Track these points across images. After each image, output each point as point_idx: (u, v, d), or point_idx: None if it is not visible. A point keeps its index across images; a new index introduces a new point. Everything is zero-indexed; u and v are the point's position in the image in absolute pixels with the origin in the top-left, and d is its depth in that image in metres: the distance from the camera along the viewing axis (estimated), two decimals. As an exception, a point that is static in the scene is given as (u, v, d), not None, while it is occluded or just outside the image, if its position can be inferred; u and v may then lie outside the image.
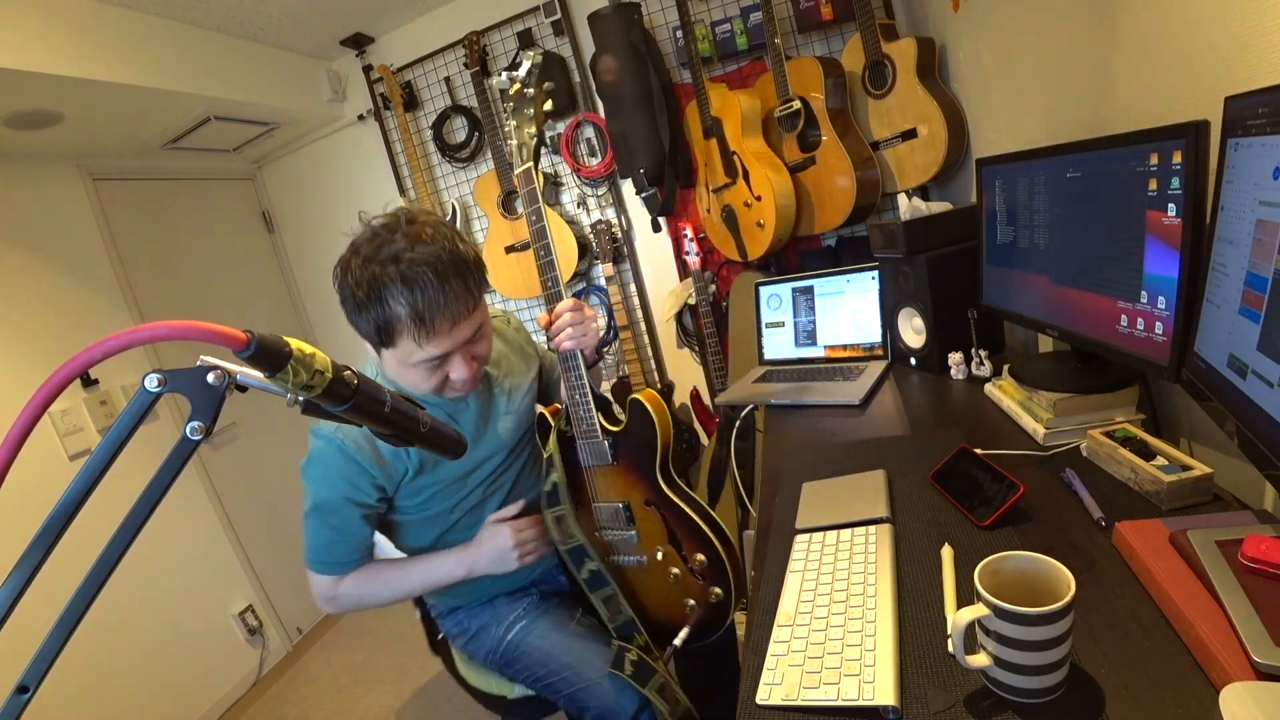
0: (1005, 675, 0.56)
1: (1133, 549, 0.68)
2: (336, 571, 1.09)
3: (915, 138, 1.77)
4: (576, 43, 2.29)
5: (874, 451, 1.10)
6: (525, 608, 1.21)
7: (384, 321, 0.88)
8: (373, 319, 0.89)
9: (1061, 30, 1.15)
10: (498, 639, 1.18)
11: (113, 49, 1.74)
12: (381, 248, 0.88)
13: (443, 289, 0.88)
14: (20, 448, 0.44)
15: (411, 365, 0.94)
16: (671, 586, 1.12)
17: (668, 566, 1.11)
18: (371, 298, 0.87)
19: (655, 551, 1.12)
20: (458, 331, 0.93)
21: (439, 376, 0.98)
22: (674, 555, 1.10)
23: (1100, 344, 0.95)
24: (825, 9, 1.97)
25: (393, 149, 2.61)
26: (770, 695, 0.63)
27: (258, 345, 0.48)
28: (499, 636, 1.18)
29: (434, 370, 0.97)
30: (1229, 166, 0.67)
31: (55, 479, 1.88)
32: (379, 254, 0.88)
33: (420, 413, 0.64)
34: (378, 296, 0.87)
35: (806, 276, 1.69)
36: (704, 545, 1.08)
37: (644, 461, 1.10)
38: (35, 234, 2.03)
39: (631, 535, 1.13)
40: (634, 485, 1.12)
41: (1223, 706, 0.47)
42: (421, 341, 0.90)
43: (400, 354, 0.93)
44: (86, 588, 0.47)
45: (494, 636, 1.19)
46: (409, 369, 0.96)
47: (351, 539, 1.07)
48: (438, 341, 0.91)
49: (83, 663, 1.89)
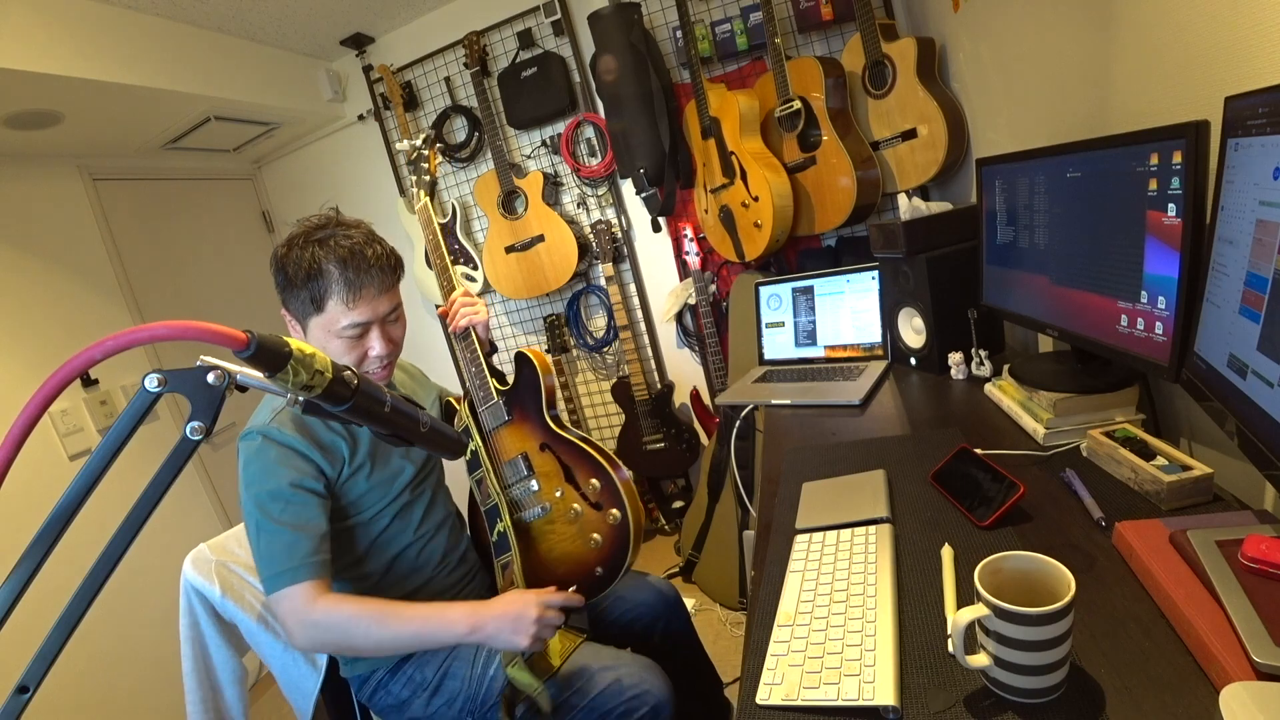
0: (1005, 675, 0.56)
1: (1133, 549, 0.68)
2: (306, 575, 0.93)
3: (915, 138, 1.77)
4: (576, 43, 2.29)
5: (874, 451, 1.10)
6: None
7: (318, 287, 0.98)
8: (308, 287, 0.99)
9: (1062, 30, 1.15)
10: (475, 679, 1.05)
11: (113, 49, 1.74)
12: (316, 232, 1.01)
13: (370, 262, 1.01)
14: (20, 448, 0.44)
15: (336, 334, 1.01)
16: (575, 527, 1.16)
17: (568, 505, 1.17)
18: (310, 269, 0.98)
19: (554, 493, 1.18)
20: (380, 302, 1.03)
21: (359, 350, 1.04)
22: (571, 491, 1.17)
23: (1100, 344, 0.95)
24: (825, 9, 1.97)
25: (392, 149, 2.61)
26: (770, 695, 0.63)
27: (258, 345, 0.48)
28: (475, 677, 1.05)
29: (355, 343, 1.03)
30: (1229, 166, 0.67)
31: (55, 479, 1.88)
32: (315, 236, 1.00)
33: (420, 413, 0.64)
34: (316, 267, 0.98)
35: (806, 276, 1.69)
36: (595, 470, 1.16)
37: (534, 407, 1.21)
38: (35, 234, 2.03)
39: (533, 485, 1.20)
40: (529, 434, 1.21)
41: (1223, 706, 0.47)
42: (350, 303, 0.99)
43: (327, 320, 1.00)
44: (86, 588, 0.47)
45: (470, 679, 1.05)
46: (332, 339, 1.02)
47: (311, 532, 0.96)
48: (362, 307, 1.01)
49: (83, 663, 1.89)
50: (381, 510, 1.09)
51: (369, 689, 1.09)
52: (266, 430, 0.99)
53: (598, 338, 2.58)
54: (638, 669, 1.04)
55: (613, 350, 2.58)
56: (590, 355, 2.62)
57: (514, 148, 2.48)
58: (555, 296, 2.56)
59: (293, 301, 1.02)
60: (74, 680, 1.87)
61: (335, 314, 1.00)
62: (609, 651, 1.08)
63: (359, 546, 1.10)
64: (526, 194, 2.33)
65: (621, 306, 2.38)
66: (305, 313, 1.01)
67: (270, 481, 0.97)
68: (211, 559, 1.10)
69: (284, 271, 1.00)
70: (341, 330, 1.01)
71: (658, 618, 1.25)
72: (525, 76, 2.30)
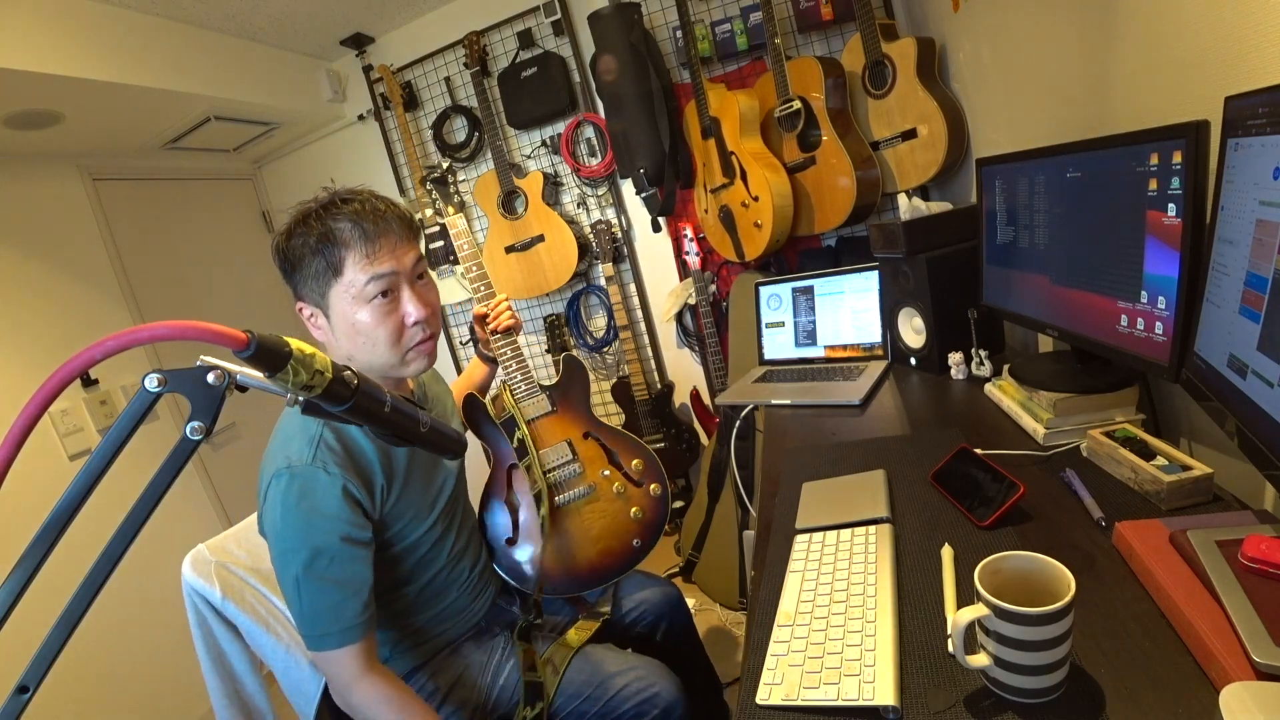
0: (1005, 675, 0.56)
1: (1133, 549, 0.68)
2: (355, 638, 0.87)
3: (915, 138, 1.77)
4: (576, 43, 2.29)
5: (874, 451, 1.10)
6: (503, 645, 1.09)
7: (332, 250, 0.89)
8: (321, 253, 0.89)
9: (1062, 30, 1.15)
10: (484, 689, 1.04)
11: (113, 49, 1.74)
12: (315, 207, 0.92)
13: (383, 212, 0.92)
14: (20, 448, 0.44)
15: (363, 299, 0.90)
16: (618, 503, 1.30)
17: (611, 485, 1.31)
18: (321, 235, 0.89)
19: (599, 474, 1.32)
20: (401, 252, 0.93)
21: (395, 318, 0.93)
22: (615, 471, 1.32)
23: (1100, 344, 0.95)
24: (825, 9, 1.97)
25: (393, 149, 2.61)
26: (770, 695, 0.63)
27: (258, 345, 0.48)
28: (485, 686, 1.05)
29: (388, 307, 0.92)
30: (1229, 166, 0.67)
31: (55, 479, 1.88)
32: (315, 211, 0.91)
33: (420, 413, 0.64)
34: (325, 230, 0.89)
35: (806, 276, 1.69)
36: (637, 450, 1.34)
37: (581, 401, 1.36)
38: (35, 234, 2.03)
39: (576, 468, 1.31)
40: (572, 424, 1.34)
41: (1223, 706, 0.47)
42: (370, 254, 0.89)
43: (348, 284, 0.90)
44: (86, 588, 0.47)
45: (478, 689, 1.05)
46: (361, 308, 0.91)
47: (360, 589, 0.89)
48: (384, 257, 0.91)
49: (83, 663, 1.89)
50: (421, 535, 1.02)
51: None
52: (308, 474, 0.87)
53: (598, 338, 2.58)
54: (648, 671, 1.03)
55: (613, 350, 2.58)
56: (590, 355, 2.62)
57: (514, 148, 2.48)
58: (555, 296, 2.56)
59: (306, 284, 0.91)
60: (74, 680, 1.87)
61: (356, 273, 0.89)
62: (617, 654, 1.08)
63: (396, 574, 1.03)
64: (526, 194, 2.33)
65: (621, 306, 2.38)
66: (323, 287, 0.90)
67: (316, 537, 0.86)
68: (210, 560, 1.09)
69: (289, 254, 0.91)
70: (367, 290, 0.90)
71: (661, 617, 1.25)
72: (525, 76, 2.30)
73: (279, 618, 1.09)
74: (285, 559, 0.87)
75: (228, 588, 1.07)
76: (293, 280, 0.94)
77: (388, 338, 0.93)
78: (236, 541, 1.16)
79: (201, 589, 1.05)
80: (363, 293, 0.90)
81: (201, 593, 1.05)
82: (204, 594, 1.05)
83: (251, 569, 1.12)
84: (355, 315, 0.92)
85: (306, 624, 0.88)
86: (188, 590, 1.06)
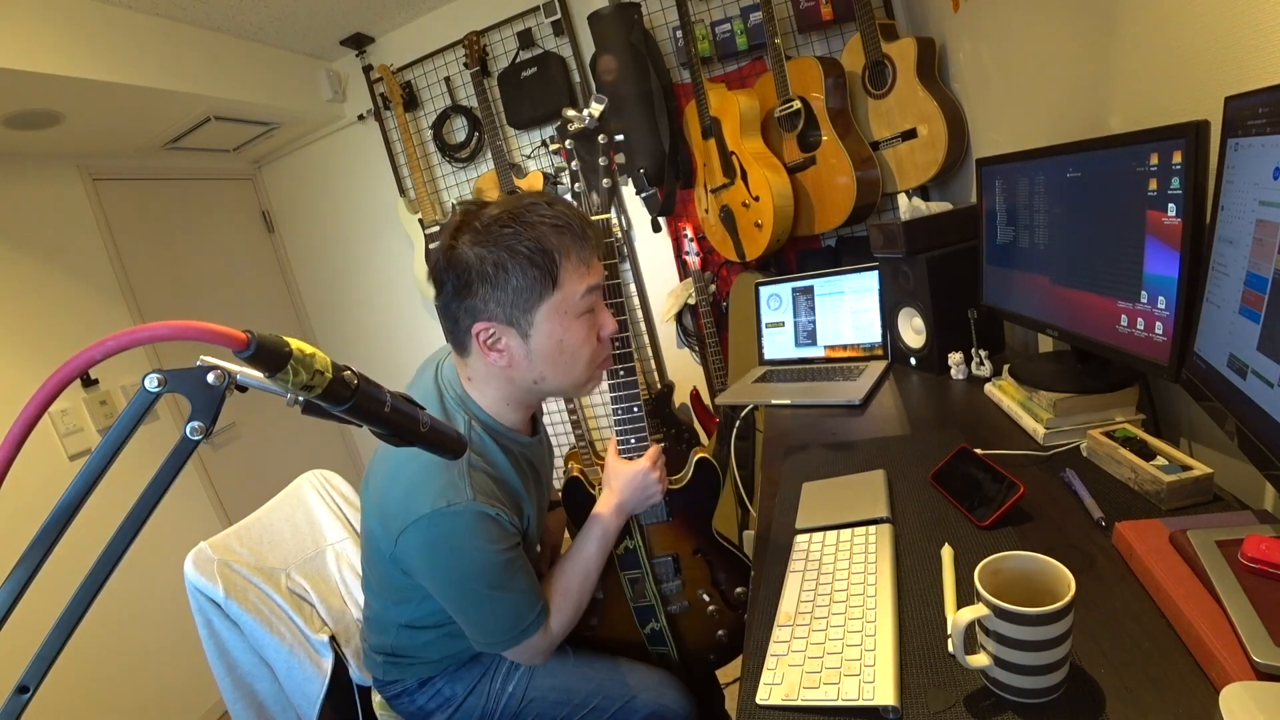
0: (1005, 675, 0.56)
1: (1133, 549, 0.68)
2: (542, 621, 0.93)
3: (915, 138, 1.77)
4: (576, 43, 2.29)
5: (874, 451, 1.10)
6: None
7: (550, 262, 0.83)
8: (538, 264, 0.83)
9: (1062, 30, 1.15)
10: (495, 695, 1.04)
11: (113, 49, 1.74)
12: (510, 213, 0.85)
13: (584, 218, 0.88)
14: (20, 448, 0.44)
15: (576, 313, 0.87)
16: (707, 621, 1.18)
17: (707, 607, 1.17)
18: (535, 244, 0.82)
19: (698, 594, 1.17)
20: (600, 264, 0.90)
21: (595, 333, 0.91)
22: (716, 595, 1.17)
23: (1100, 344, 0.95)
24: (825, 9, 1.97)
25: (393, 149, 2.61)
26: (770, 695, 0.63)
27: (258, 345, 0.48)
28: (495, 692, 1.04)
29: (593, 320, 0.90)
30: (1229, 166, 0.67)
31: (55, 479, 1.88)
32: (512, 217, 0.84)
33: (420, 413, 0.64)
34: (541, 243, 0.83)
35: (806, 276, 1.69)
36: (743, 577, 1.16)
37: (701, 515, 1.16)
38: (35, 234, 2.03)
39: (677, 584, 1.17)
40: (684, 538, 1.16)
41: (1223, 706, 0.47)
42: (586, 262, 0.86)
43: (564, 297, 0.85)
44: (86, 588, 0.47)
45: (490, 694, 1.04)
46: (571, 323, 0.87)
47: (534, 582, 0.93)
48: (595, 268, 0.88)
49: (83, 663, 1.89)
50: None
51: (393, 690, 1.07)
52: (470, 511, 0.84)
53: (598, 338, 2.58)
54: (659, 681, 1.05)
55: (613, 350, 2.58)
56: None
57: (514, 148, 2.48)
58: (555, 296, 2.56)
59: (504, 295, 0.83)
60: (74, 680, 1.87)
61: (574, 284, 0.85)
62: (627, 665, 1.08)
63: None
64: (526, 194, 2.33)
65: (621, 306, 2.37)
66: (530, 303, 0.84)
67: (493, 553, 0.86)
68: (213, 558, 1.09)
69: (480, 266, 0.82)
70: (581, 302, 0.86)
71: None
72: (525, 76, 2.30)
73: (282, 616, 1.10)
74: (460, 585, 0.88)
75: (231, 586, 1.07)
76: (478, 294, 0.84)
77: (591, 355, 0.91)
78: (239, 539, 1.16)
79: (205, 588, 1.05)
80: (576, 307, 0.86)
81: (205, 591, 1.05)
82: (207, 593, 1.05)
83: (255, 568, 1.12)
84: (565, 333, 0.87)
85: (500, 633, 0.91)
86: (191, 589, 1.06)
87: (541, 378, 0.90)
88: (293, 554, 1.23)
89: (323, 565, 1.26)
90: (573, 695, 1.03)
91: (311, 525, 1.30)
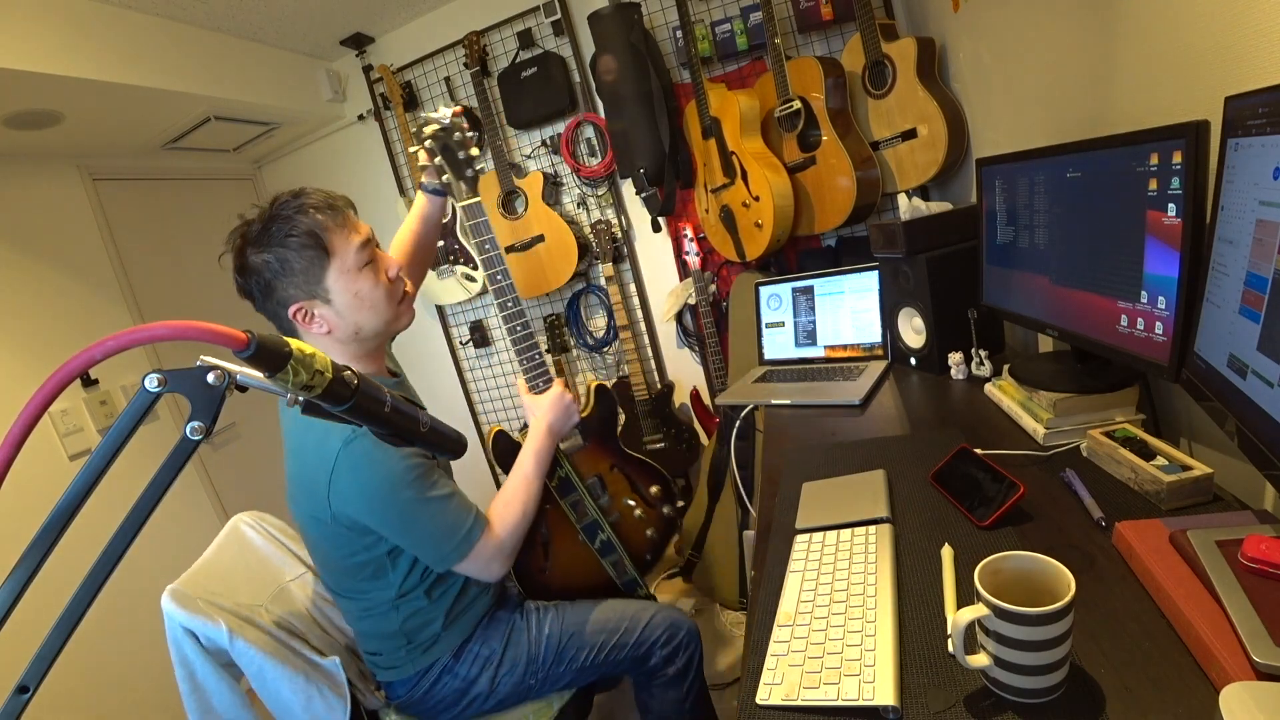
0: (1005, 675, 0.56)
1: (1133, 549, 0.68)
2: (482, 525, 1.06)
3: (915, 138, 1.77)
4: (576, 43, 2.29)
5: (874, 451, 1.10)
6: (531, 606, 1.22)
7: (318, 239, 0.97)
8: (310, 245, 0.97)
9: (1061, 30, 1.15)
10: (534, 640, 1.16)
11: (113, 49, 1.74)
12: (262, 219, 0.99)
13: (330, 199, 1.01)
14: (20, 448, 0.44)
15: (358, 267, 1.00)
16: (637, 524, 1.41)
17: (634, 511, 1.41)
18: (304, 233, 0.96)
19: (623, 502, 1.40)
20: (360, 224, 1.04)
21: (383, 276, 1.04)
22: (638, 498, 1.41)
23: (1100, 344, 0.95)
24: (825, 9, 1.97)
25: (393, 149, 2.61)
26: (770, 695, 0.63)
27: (258, 345, 0.48)
28: (534, 637, 1.16)
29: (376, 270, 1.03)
30: (1229, 166, 0.67)
31: (55, 479, 1.88)
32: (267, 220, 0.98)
33: (420, 413, 0.64)
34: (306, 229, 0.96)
35: (806, 276, 1.69)
36: (653, 476, 1.44)
37: (609, 434, 1.41)
38: (35, 234, 2.03)
39: (606, 499, 1.38)
40: (601, 457, 1.40)
41: (1223, 706, 0.47)
42: (347, 229, 1.00)
43: (342, 259, 0.99)
44: (86, 588, 0.47)
45: (529, 642, 1.16)
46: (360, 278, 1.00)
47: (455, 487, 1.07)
48: (356, 229, 1.01)
49: (82, 663, 1.89)
50: None
51: (429, 680, 1.11)
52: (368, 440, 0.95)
53: (598, 338, 2.58)
54: (662, 606, 1.25)
55: (613, 350, 2.58)
56: (590, 355, 2.62)
57: (514, 148, 2.48)
58: (555, 296, 2.56)
59: (297, 281, 0.98)
60: (74, 680, 1.86)
61: (344, 247, 0.99)
62: (638, 601, 1.27)
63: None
64: (526, 194, 2.33)
65: (621, 306, 2.38)
66: (318, 274, 0.98)
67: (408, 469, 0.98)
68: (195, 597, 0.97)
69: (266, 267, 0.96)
70: (357, 257, 1.00)
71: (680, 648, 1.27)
72: (525, 76, 2.30)
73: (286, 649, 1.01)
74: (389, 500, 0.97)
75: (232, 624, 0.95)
76: (277, 288, 0.98)
77: (386, 295, 1.04)
78: (205, 580, 1.07)
79: (202, 629, 0.93)
80: (355, 262, 1.00)
81: (204, 633, 0.93)
82: (206, 634, 0.93)
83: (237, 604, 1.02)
84: (356, 285, 1.01)
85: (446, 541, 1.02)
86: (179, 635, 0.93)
87: (359, 326, 1.03)
88: (260, 591, 1.14)
89: (291, 599, 1.18)
90: (605, 623, 1.19)
91: (264, 564, 1.21)
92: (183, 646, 0.94)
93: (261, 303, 1.01)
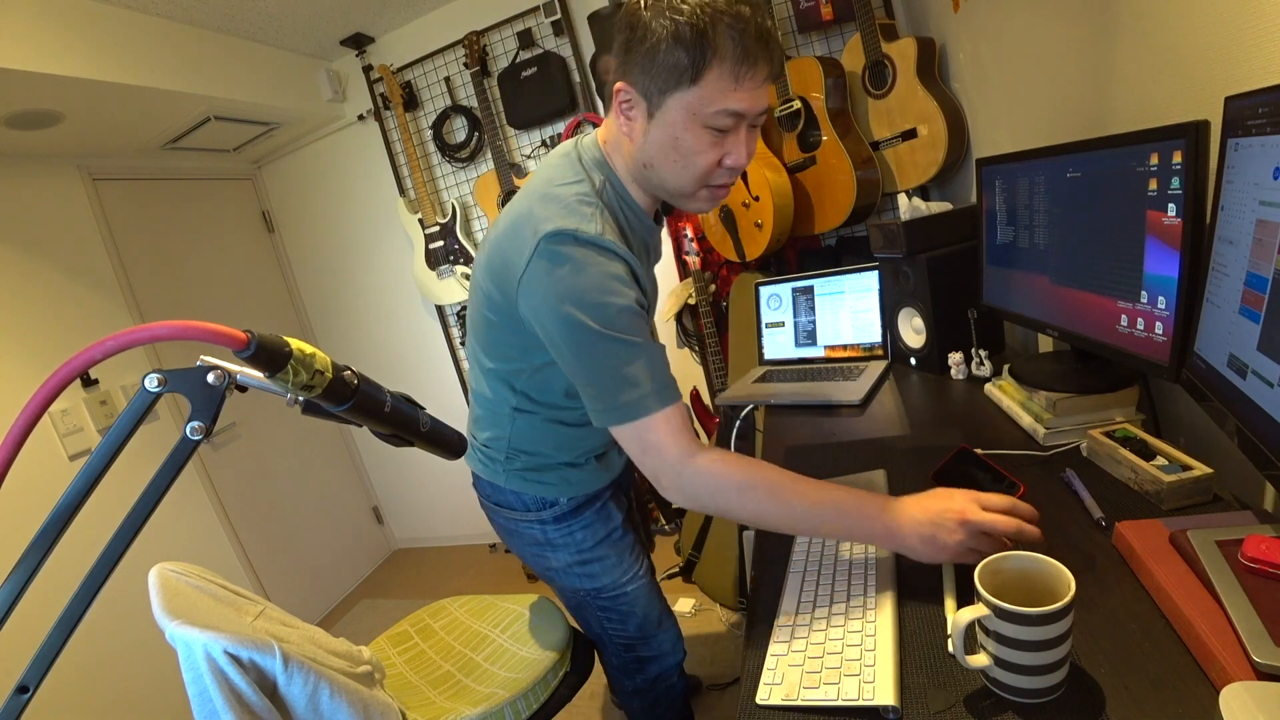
0: (1005, 675, 0.56)
1: (1133, 549, 0.68)
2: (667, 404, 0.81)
3: (915, 138, 1.77)
4: (576, 43, 2.29)
5: (874, 451, 1.10)
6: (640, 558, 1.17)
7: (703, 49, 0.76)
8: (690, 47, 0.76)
9: (1061, 30, 1.15)
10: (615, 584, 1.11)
11: (113, 49, 1.74)
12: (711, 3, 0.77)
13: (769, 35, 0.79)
14: (20, 448, 0.44)
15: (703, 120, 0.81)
16: None
17: None
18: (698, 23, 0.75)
19: None
20: (760, 94, 0.81)
21: (717, 152, 0.84)
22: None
23: (1100, 344, 0.95)
24: (825, 9, 1.97)
25: (393, 149, 2.61)
26: (770, 695, 0.63)
27: (258, 345, 0.48)
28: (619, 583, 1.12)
29: (718, 140, 0.83)
30: (1229, 166, 0.67)
31: (55, 479, 1.88)
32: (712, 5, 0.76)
33: (420, 412, 0.64)
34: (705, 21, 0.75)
35: (806, 276, 1.69)
36: None
37: None
38: (35, 234, 2.03)
39: None
40: None
41: (1222, 706, 0.47)
42: (738, 79, 0.78)
43: (698, 98, 0.79)
44: (87, 588, 0.47)
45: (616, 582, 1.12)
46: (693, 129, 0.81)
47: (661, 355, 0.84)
48: (747, 91, 0.79)
49: (82, 663, 1.89)
50: None
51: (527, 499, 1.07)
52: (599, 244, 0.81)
53: (598, 338, 2.57)
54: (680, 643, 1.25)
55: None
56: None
57: (514, 148, 2.48)
58: (555, 296, 2.56)
59: (648, 68, 0.79)
60: (74, 680, 1.87)
61: (714, 92, 0.78)
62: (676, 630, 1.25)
63: None
64: (526, 194, 2.33)
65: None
66: (665, 85, 0.79)
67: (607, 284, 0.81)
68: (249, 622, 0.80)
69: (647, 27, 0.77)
70: (713, 116, 0.79)
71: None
72: (525, 76, 2.30)
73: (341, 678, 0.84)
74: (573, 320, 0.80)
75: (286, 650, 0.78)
76: (629, 55, 0.80)
77: (703, 170, 0.84)
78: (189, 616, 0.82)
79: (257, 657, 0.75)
80: (708, 117, 0.80)
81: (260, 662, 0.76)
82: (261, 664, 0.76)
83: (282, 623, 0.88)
84: (684, 133, 0.82)
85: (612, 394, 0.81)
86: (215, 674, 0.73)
87: (650, 162, 0.86)
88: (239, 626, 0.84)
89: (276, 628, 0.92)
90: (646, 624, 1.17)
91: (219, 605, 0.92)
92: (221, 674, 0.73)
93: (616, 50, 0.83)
